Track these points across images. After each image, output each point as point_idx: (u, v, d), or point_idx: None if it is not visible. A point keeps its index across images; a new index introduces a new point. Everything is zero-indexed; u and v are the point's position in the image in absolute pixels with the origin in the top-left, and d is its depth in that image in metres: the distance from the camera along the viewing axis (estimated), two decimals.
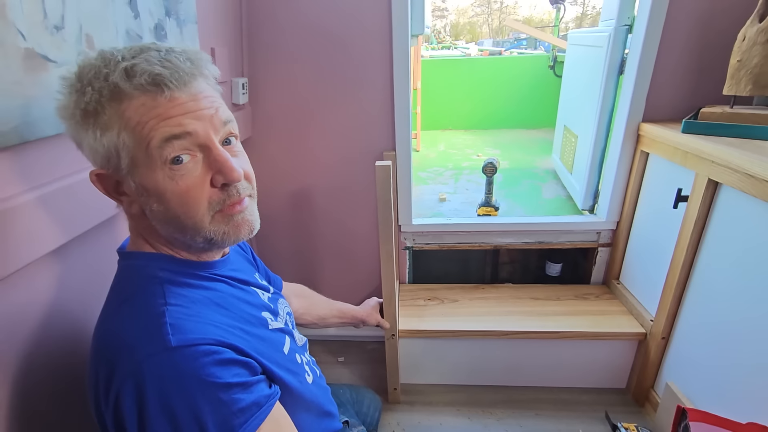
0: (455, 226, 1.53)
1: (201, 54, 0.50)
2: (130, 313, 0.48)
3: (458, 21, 30.87)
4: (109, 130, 0.45)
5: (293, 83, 1.39)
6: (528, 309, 1.44)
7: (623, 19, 1.41)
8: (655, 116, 1.30)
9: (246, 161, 0.53)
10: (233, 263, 0.63)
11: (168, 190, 0.46)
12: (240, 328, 0.53)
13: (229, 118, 0.50)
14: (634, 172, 1.35)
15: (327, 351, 1.65)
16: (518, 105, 4.02)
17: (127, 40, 0.70)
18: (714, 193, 1.01)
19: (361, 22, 1.30)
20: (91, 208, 0.67)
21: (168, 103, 0.45)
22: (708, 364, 1.03)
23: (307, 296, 1.03)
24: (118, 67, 0.44)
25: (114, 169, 0.47)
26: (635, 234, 1.39)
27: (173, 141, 0.45)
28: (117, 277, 0.54)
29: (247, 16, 1.32)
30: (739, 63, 1.06)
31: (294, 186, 1.53)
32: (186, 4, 0.89)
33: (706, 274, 1.05)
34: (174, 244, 0.53)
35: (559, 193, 2.26)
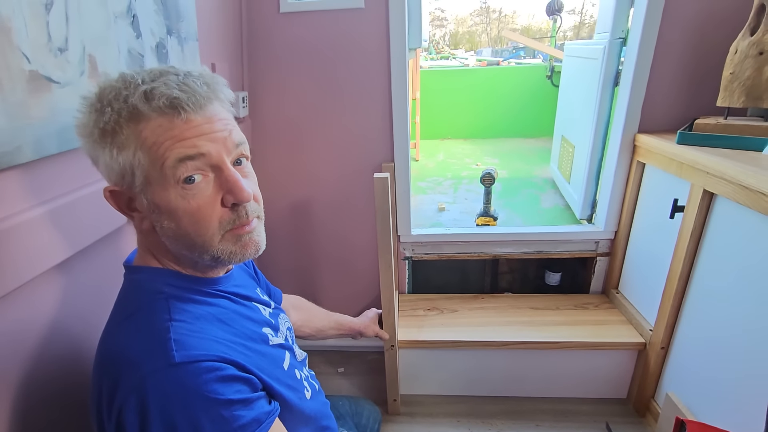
0: (454, 237, 1.54)
1: (217, 78, 0.51)
2: (135, 327, 0.49)
3: (457, 30, 31.18)
4: (125, 149, 0.46)
5: (292, 96, 1.41)
6: (527, 319, 1.44)
7: (617, 32, 1.43)
8: (650, 127, 1.31)
9: (255, 182, 0.55)
10: (236, 279, 0.63)
11: (180, 208, 0.47)
12: (242, 344, 0.54)
13: (242, 140, 0.52)
14: (630, 182, 1.36)
15: (327, 362, 1.64)
16: (516, 114, 4.06)
17: (129, 60, 0.72)
18: (710, 203, 1.02)
19: (360, 38, 1.33)
20: (94, 222, 0.68)
21: (184, 125, 0.46)
22: (707, 375, 1.03)
23: (305, 308, 1.04)
24: (138, 89, 0.45)
25: (128, 186, 0.48)
26: (633, 243, 1.40)
27: (187, 161, 0.46)
28: (122, 291, 0.55)
29: (248, 32, 1.35)
30: (731, 75, 1.08)
31: (293, 197, 1.54)
32: (187, 22, 0.91)
33: (704, 284, 1.05)
34: (181, 261, 0.54)
35: (557, 202, 2.27)
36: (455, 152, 3.65)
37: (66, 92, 0.60)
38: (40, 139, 0.57)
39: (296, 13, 1.32)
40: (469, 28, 31.20)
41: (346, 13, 1.30)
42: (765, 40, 1.01)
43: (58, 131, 0.60)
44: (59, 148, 0.60)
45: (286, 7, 1.31)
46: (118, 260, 0.66)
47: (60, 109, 0.59)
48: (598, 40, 1.61)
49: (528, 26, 29.00)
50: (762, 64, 1.02)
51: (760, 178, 0.83)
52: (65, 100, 0.60)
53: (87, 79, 0.64)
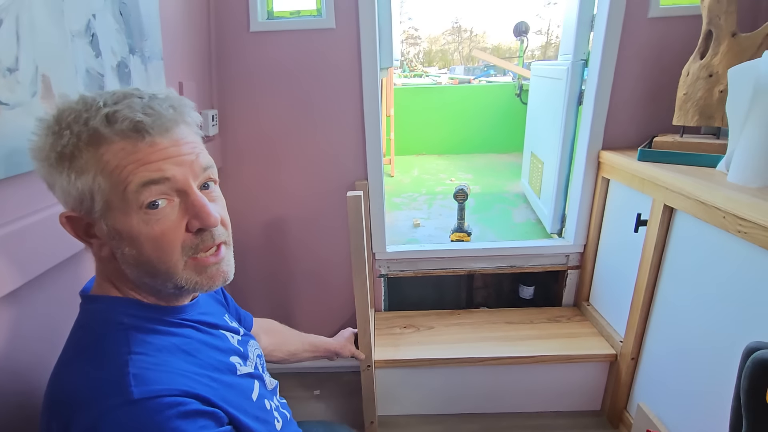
0: (429, 253, 1.54)
1: (184, 101, 0.50)
2: (90, 362, 0.46)
3: (431, 48, 31.99)
4: (84, 174, 0.44)
5: (264, 114, 1.40)
6: (503, 334, 1.45)
7: (579, 54, 1.49)
8: (613, 144, 1.37)
9: (223, 207, 0.53)
10: (202, 306, 0.61)
11: (142, 233, 0.46)
12: (207, 376, 0.51)
13: (209, 163, 0.50)
14: (597, 197, 1.41)
15: (301, 385, 1.60)
16: (488, 131, 4.16)
17: (88, 80, 0.69)
18: (670, 217, 1.07)
19: (331, 58, 1.33)
20: (47, 249, 0.64)
21: (149, 148, 0.45)
22: (676, 385, 1.06)
23: (277, 331, 1.01)
24: (99, 112, 0.44)
25: (86, 212, 0.46)
26: (601, 257, 1.44)
27: (151, 185, 0.44)
28: (78, 323, 0.51)
29: (217, 50, 1.33)
30: (685, 96, 1.14)
31: (266, 216, 1.51)
32: (152, 41, 0.89)
33: (668, 295, 1.09)
34: (142, 289, 0.52)
35: (529, 216, 2.32)
36: (430, 168, 3.70)
37: (15, 114, 0.57)
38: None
39: (266, 32, 1.32)
40: (442, 47, 32.08)
41: (317, 33, 1.31)
42: (713, 63, 1.08)
43: (6, 155, 0.56)
44: (7, 172, 0.57)
45: (256, 26, 1.30)
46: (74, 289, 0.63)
47: (8, 132, 0.56)
48: (561, 61, 1.68)
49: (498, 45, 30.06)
50: (712, 85, 1.08)
51: (715, 194, 0.88)
52: (14, 122, 0.57)
53: (39, 100, 0.61)
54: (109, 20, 0.75)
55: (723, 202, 0.85)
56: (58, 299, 0.69)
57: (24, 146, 0.56)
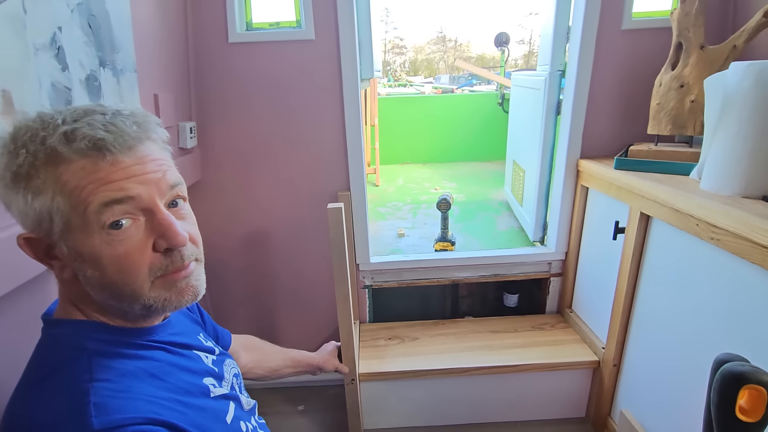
0: (413, 263, 1.53)
1: (149, 117, 0.49)
2: (49, 391, 0.44)
3: (416, 57, 32.40)
4: (42, 194, 0.42)
5: (244, 126, 1.39)
6: (487, 343, 1.44)
7: (556, 65, 1.52)
8: (591, 153, 1.39)
9: (193, 224, 0.52)
10: (174, 326, 0.59)
11: (105, 255, 0.44)
12: (177, 401, 0.49)
13: (177, 180, 0.49)
14: (576, 205, 1.43)
15: (286, 399, 1.57)
16: (472, 139, 4.21)
17: (54, 94, 0.67)
18: (647, 225, 1.08)
19: (311, 69, 1.33)
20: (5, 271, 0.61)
21: (110, 167, 0.43)
22: (657, 391, 1.06)
23: (257, 348, 0.99)
24: (57, 130, 0.42)
25: (46, 233, 0.44)
26: (582, 264, 1.45)
27: (113, 205, 0.43)
28: (38, 348, 0.49)
29: (195, 62, 1.32)
30: (658, 106, 1.17)
31: (247, 228, 1.49)
32: (124, 53, 0.88)
33: (647, 302, 1.10)
34: (108, 311, 0.50)
35: (512, 224, 2.34)
36: (414, 177, 3.71)
37: None
38: None
39: (245, 43, 1.31)
40: (427, 56, 32.51)
41: (296, 44, 1.31)
42: (684, 74, 1.11)
43: None
44: None
45: (234, 37, 1.30)
46: (35, 313, 0.60)
47: None
48: (540, 71, 1.71)
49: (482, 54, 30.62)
50: (683, 95, 1.11)
51: (688, 201, 0.89)
52: None
53: (0, 116, 0.58)
54: (77, 33, 0.73)
55: (696, 210, 0.87)
56: (20, 323, 0.66)
57: None
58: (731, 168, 0.87)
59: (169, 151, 0.51)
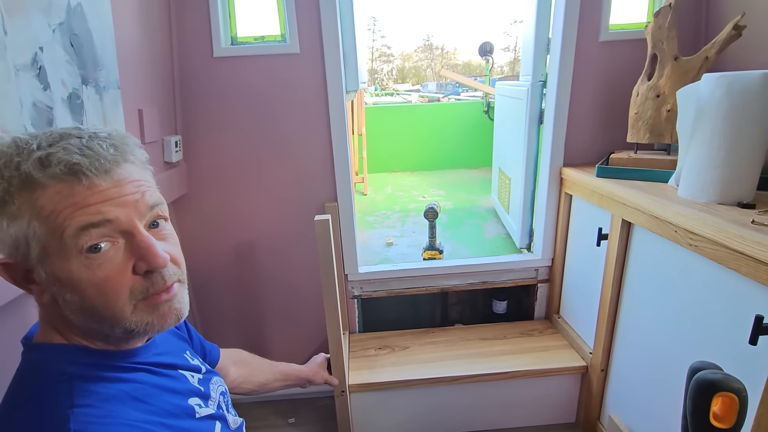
0: (401, 272, 1.54)
1: (127, 139, 0.49)
2: (29, 418, 0.43)
3: (404, 65, 32.65)
4: (17, 220, 0.42)
5: (229, 139, 1.39)
6: (477, 350, 1.45)
7: (538, 76, 1.55)
8: (574, 161, 1.42)
9: (175, 244, 0.51)
10: (159, 346, 0.58)
11: (83, 279, 0.43)
12: (161, 424, 0.49)
13: (158, 200, 0.49)
14: (561, 212, 1.45)
15: (276, 412, 1.55)
16: (459, 147, 4.26)
17: (35, 114, 0.67)
18: (629, 232, 1.11)
19: (297, 82, 1.34)
20: None
21: (87, 191, 0.43)
22: (644, 395, 1.08)
23: (246, 362, 0.98)
24: (32, 156, 0.42)
25: (23, 258, 0.44)
26: (568, 270, 1.47)
27: (90, 229, 0.43)
28: (18, 374, 0.48)
29: (179, 76, 1.32)
30: (636, 115, 1.20)
31: (234, 241, 1.48)
32: (107, 70, 0.87)
33: (631, 306, 1.12)
34: (89, 335, 0.49)
35: (499, 231, 2.37)
36: (403, 185, 3.73)
37: None
38: None
39: (230, 57, 1.31)
40: (414, 63, 32.78)
41: (281, 58, 1.32)
42: (660, 84, 1.14)
43: None
44: None
45: (219, 51, 1.30)
46: (14, 337, 0.59)
47: None
48: (522, 81, 1.74)
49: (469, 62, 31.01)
50: (660, 104, 1.15)
51: (666, 208, 0.92)
52: None
53: None
54: (59, 52, 0.73)
55: (674, 217, 0.89)
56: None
57: None
58: (707, 176, 0.90)
59: (150, 170, 0.51)
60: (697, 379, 0.42)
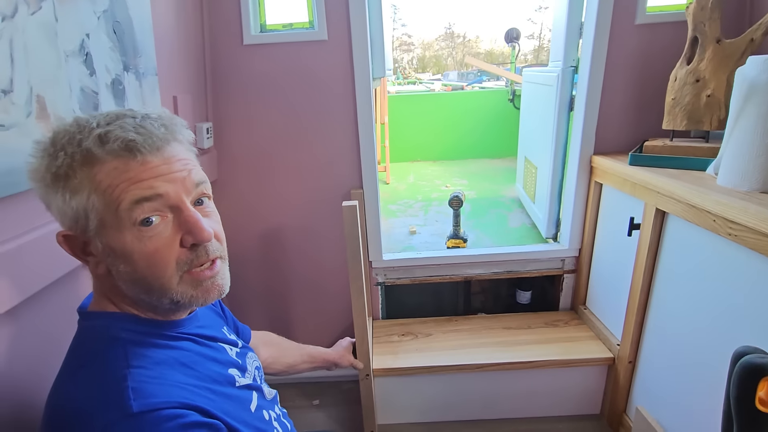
0: (425, 260, 1.54)
1: (176, 120, 0.51)
2: (89, 377, 0.46)
3: (424, 54, 32.19)
4: (78, 193, 0.45)
5: (258, 126, 1.41)
6: (501, 339, 1.45)
7: (569, 61, 1.51)
8: (605, 149, 1.38)
9: (217, 222, 0.54)
10: (200, 320, 0.61)
11: (136, 251, 0.46)
12: (206, 388, 0.52)
13: (202, 179, 0.51)
14: (590, 201, 1.42)
15: (302, 394, 1.59)
16: (482, 136, 4.20)
17: (83, 99, 0.70)
18: (663, 221, 1.08)
19: (324, 69, 1.35)
20: (44, 267, 0.65)
21: (140, 167, 0.46)
22: (673, 387, 1.06)
23: (275, 344, 1.01)
24: (92, 133, 0.45)
25: (82, 230, 0.47)
26: (596, 260, 1.45)
27: (143, 203, 0.45)
28: (76, 339, 0.52)
29: (211, 64, 1.34)
30: (673, 101, 1.16)
31: (262, 226, 1.51)
32: (146, 57, 0.90)
33: (663, 298, 1.10)
34: (139, 305, 0.52)
35: (524, 221, 2.34)
36: (425, 174, 3.72)
37: (10, 135, 0.57)
38: None
39: (260, 45, 1.33)
40: (435, 52, 32.27)
41: (309, 45, 1.33)
42: (700, 68, 1.10)
43: (2, 174, 0.57)
44: (3, 192, 0.57)
45: (249, 39, 1.32)
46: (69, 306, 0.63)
47: (4, 153, 0.57)
48: (552, 67, 1.70)
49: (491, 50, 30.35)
50: (699, 90, 1.10)
51: (705, 197, 0.89)
52: (10, 142, 0.57)
53: (35, 120, 0.61)
54: (103, 39, 0.76)
55: (713, 206, 0.86)
56: (56, 316, 0.69)
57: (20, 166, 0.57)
58: (749, 163, 0.87)
59: (194, 152, 0.54)
60: (742, 363, 0.41)
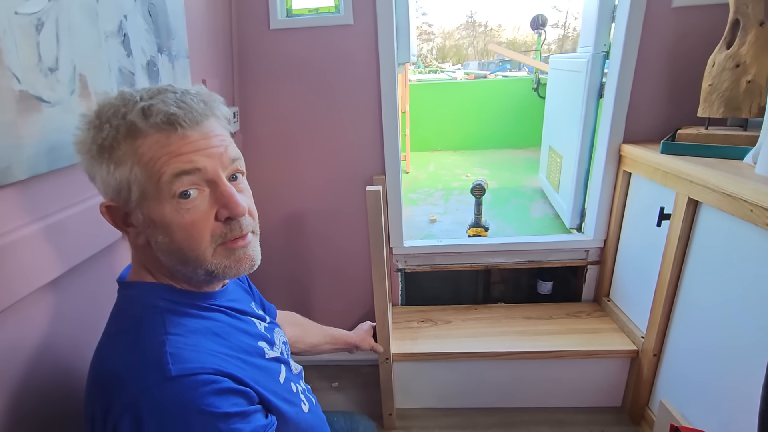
0: (446, 248, 1.54)
1: (214, 96, 0.52)
2: (130, 342, 0.49)
3: (444, 44, 31.64)
4: (122, 165, 0.47)
5: (283, 111, 1.42)
6: (521, 329, 1.44)
7: (600, 46, 1.47)
8: (635, 137, 1.35)
9: (250, 198, 0.56)
10: (231, 293, 0.63)
11: (174, 222, 0.48)
12: (238, 358, 0.54)
13: (237, 155, 0.53)
14: (617, 191, 1.39)
15: (321, 376, 1.63)
16: (505, 126, 4.12)
17: (120, 78, 0.72)
18: (695, 211, 1.05)
19: (349, 54, 1.35)
20: (85, 240, 0.68)
21: (180, 140, 0.47)
22: (700, 381, 1.04)
23: (299, 324, 1.03)
24: (136, 106, 0.46)
25: (124, 201, 0.49)
26: (622, 252, 1.42)
27: (183, 176, 0.47)
28: (116, 307, 0.54)
29: (238, 48, 1.36)
30: (710, 87, 1.11)
31: (285, 210, 1.54)
32: (178, 40, 0.92)
33: (692, 290, 1.07)
34: (175, 276, 0.54)
35: (547, 211, 2.30)
36: (445, 163, 3.69)
37: (56, 111, 0.60)
38: (30, 159, 0.57)
39: (286, 29, 1.34)
40: (456, 42, 31.70)
41: (335, 29, 1.33)
42: (741, 53, 1.05)
43: (48, 150, 0.59)
44: (49, 167, 0.60)
45: (276, 23, 1.32)
46: (109, 277, 0.66)
47: (50, 129, 0.59)
48: (581, 53, 1.66)
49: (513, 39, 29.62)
50: (739, 76, 1.06)
51: (742, 186, 0.86)
52: (55, 119, 0.60)
53: (77, 98, 0.63)
54: (139, 20, 0.78)
55: (751, 195, 0.83)
56: (95, 286, 0.72)
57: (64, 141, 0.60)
58: None
59: (229, 129, 0.55)
60: None
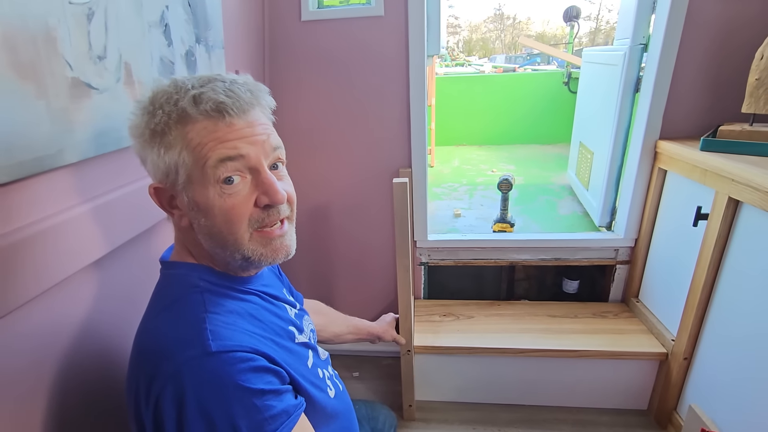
0: (471, 242, 1.53)
1: (260, 86, 0.54)
2: (172, 318, 0.51)
3: (471, 37, 31.12)
4: (172, 149, 0.49)
5: (312, 102, 1.44)
6: (545, 326, 1.42)
7: (638, 38, 1.42)
8: (672, 134, 1.30)
9: (290, 184, 0.57)
10: (265, 279, 0.66)
11: (216, 206, 0.50)
12: (271, 339, 0.56)
13: (279, 144, 0.54)
14: (651, 189, 1.35)
15: (342, 366, 1.65)
16: (533, 121, 4.03)
17: (161, 67, 0.75)
18: (735, 211, 1.00)
19: (379, 45, 1.35)
20: (129, 222, 0.71)
21: (226, 128, 0.49)
22: (733, 386, 1.01)
23: (324, 313, 1.05)
24: (187, 94, 0.48)
25: (171, 184, 0.51)
26: (654, 252, 1.38)
27: (227, 162, 0.49)
28: (159, 285, 0.57)
29: (269, 40, 1.38)
30: (757, 81, 1.06)
31: (312, 202, 1.56)
32: (214, 30, 0.94)
33: (729, 293, 1.03)
34: (215, 259, 0.57)
35: (575, 209, 2.25)
36: (470, 158, 3.64)
37: (104, 98, 0.63)
38: (80, 143, 0.60)
39: (317, 21, 1.35)
40: (482, 35, 31.11)
41: (366, 21, 1.33)
42: None
43: (96, 135, 0.62)
44: (97, 151, 0.63)
45: (307, 15, 1.34)
46: (149, 258, 0.69)
47: (98, 114, 0.62)
48: (617, 46, 1.60)
49: (543, 32, 28.86)
50: None
51: None
52: (103, 105, 0.63)
53: (123, 85, 0.66)
54: (179, 11, 0.80)
55: None
56: (137, 266, 0.76)
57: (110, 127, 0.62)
58: None
59: (272, 119, 0.56)
60: None
